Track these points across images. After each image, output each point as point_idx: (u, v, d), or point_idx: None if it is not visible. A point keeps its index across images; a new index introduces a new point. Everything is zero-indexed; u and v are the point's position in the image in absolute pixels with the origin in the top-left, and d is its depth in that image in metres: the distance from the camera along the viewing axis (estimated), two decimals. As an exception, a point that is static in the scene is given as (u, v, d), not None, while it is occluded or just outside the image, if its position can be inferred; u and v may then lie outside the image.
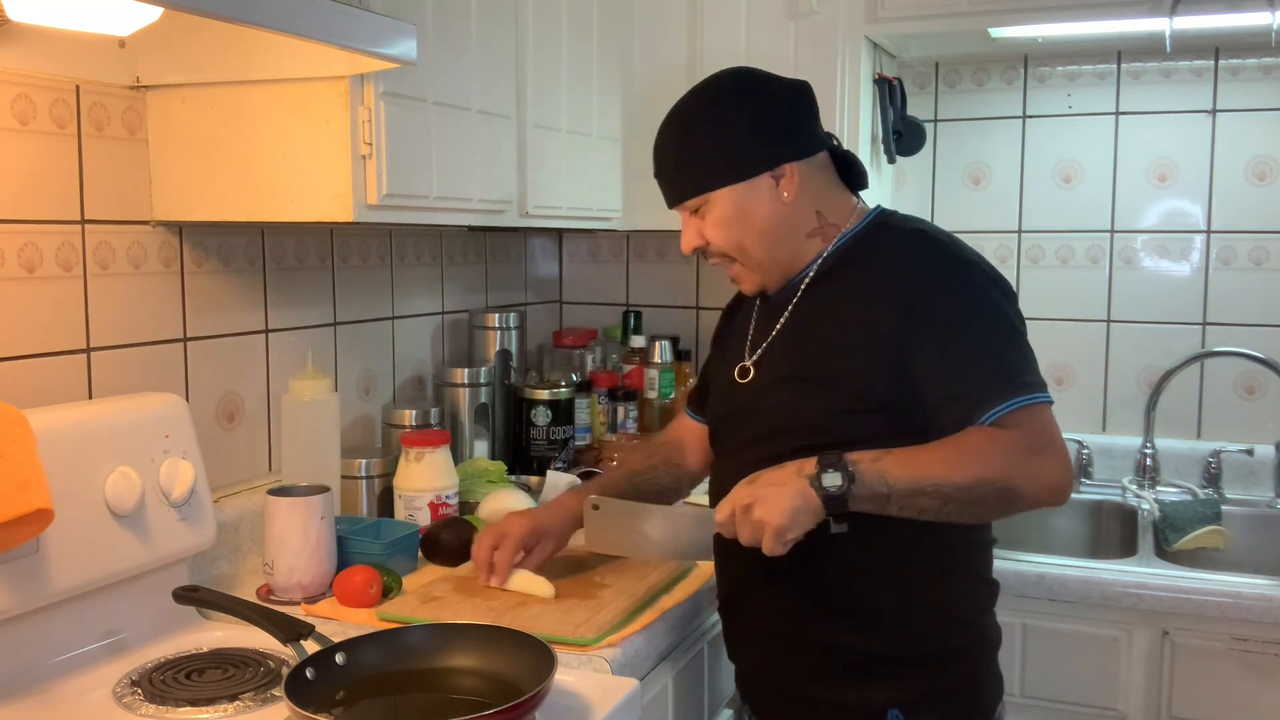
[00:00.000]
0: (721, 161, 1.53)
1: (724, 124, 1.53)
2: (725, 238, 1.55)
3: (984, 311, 1.45)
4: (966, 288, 1.46)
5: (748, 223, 1.53)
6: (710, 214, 1.54)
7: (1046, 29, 2.50)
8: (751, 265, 1.57)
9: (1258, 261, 2.63)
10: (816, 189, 1.55)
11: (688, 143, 1.55)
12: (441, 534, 1.87)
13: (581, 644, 1.49)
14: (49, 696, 1.35)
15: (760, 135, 1.52)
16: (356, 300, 2.22)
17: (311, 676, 1.26)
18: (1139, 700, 2.11)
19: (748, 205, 1.53)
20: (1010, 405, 1.38)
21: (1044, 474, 1.38)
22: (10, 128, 1.51)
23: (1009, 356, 1.43)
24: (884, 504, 1.36)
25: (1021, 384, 1.40)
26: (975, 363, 1.41)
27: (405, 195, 1.69)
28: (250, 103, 1.64)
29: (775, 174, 1.52)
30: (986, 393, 1.39)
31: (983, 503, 1.38)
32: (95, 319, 1.65)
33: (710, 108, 1.54)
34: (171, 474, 1.55)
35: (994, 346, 1.43)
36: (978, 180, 2.84)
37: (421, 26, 1.64)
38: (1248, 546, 2.47)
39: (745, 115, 1.52)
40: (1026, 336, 1.46)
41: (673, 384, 2.75)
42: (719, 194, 1.53)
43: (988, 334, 1.44)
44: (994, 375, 1.40)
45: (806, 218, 1.55)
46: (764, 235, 1.54)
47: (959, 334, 1.43)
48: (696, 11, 2.51)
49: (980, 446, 1.38)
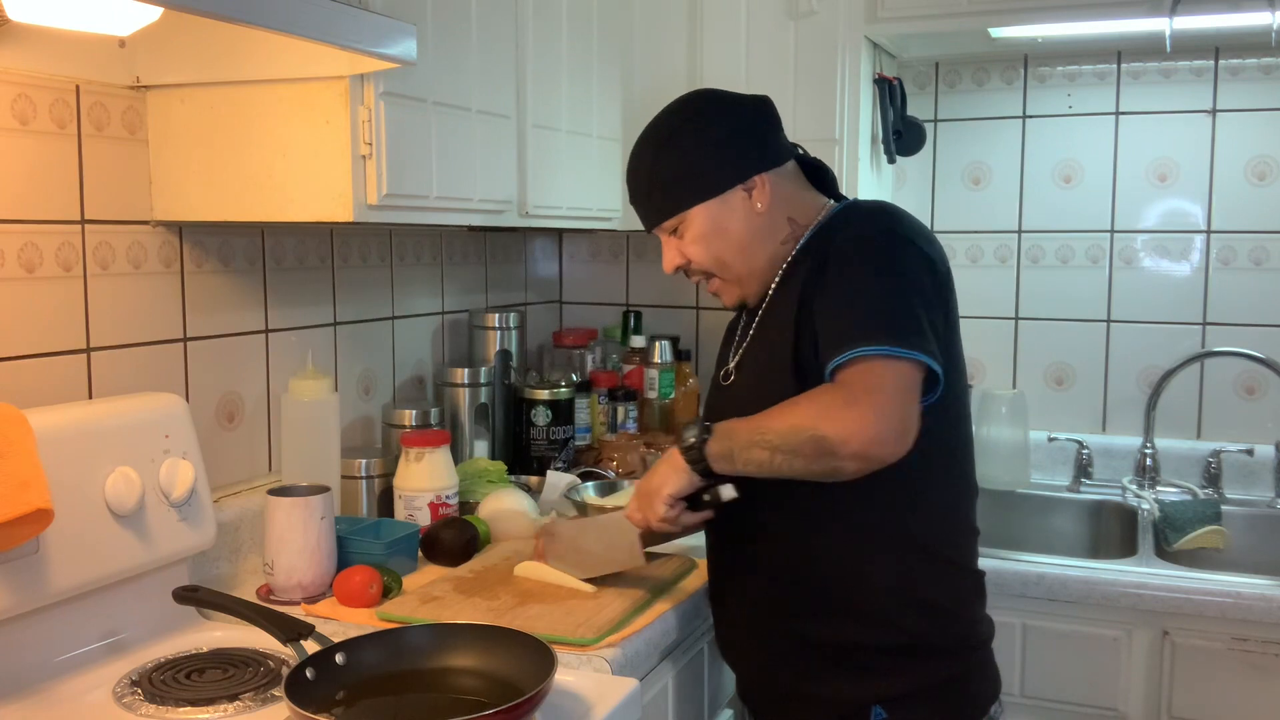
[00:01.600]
0: (694, 180, 1.57)
1: (692, 143, 1.57)
2: (704, 254, 1.60)
3: (874, 270, 1.46)
4: (866, 250, 1.48)
5: (725, 236, 1.58)
6: (688, 232, 1.59)
7: (1046, 29, 2.50)
8: (731, 278, 1.62)
9: (1258, 261, 2.63)
10: (787, 196, 1.59)
11: (660, 165, 1.59)
12: (441, 534, 1.87)
13: (581, 644, 1.49)
14: (49, 696, 1.35)
15: (729, 150, 1.57)
16: (356, 300, 2.22)
17: (311, 676, 1.26)
18: (1139, 700, 2.11)
19: (723, 220, 1.57)
20: (849, 354, 1.38)
21: (854, 423, 1.35)
22: (10, 128, 1.51)
23: (876, 310, 1.42)
24: (730, 458, 1.45)
25: (871, 336, 1.39)
26: (843, 315, 1.43)
27: (405, 195, 1.69)
28: (250, 103, 1.64)
29: (747, 186, 1.57)
30: (838, 340, 1.41)
31: (801, 452, 1.38)
32: (95, 319, 1.65)
33: (678, 129, 1.59)
34: (171, 474, 1.55)
35: (868, 301, 1.43)
36: (978, 180, 2.84)
37: (421, 26, 1.64)
38: (1248, 546, 2.47)
39: (713, 133, 1.57)
40: (920, 302, 1.44)
41: (673, 384, 2.75)
42: (694, 211, 1.58)
43: (867, 289, 1.44)
44: (851, 324, 1.41)
45: (780, 225, 1.59)
46: (741, 247, 1.58)
47: (843, 291, 1.45)
48: (696, 11, 2.51)
49: (807, 398, 1.42)
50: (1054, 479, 2.74)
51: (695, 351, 2.92)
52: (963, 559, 1.60)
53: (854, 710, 1.52)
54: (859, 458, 1.37)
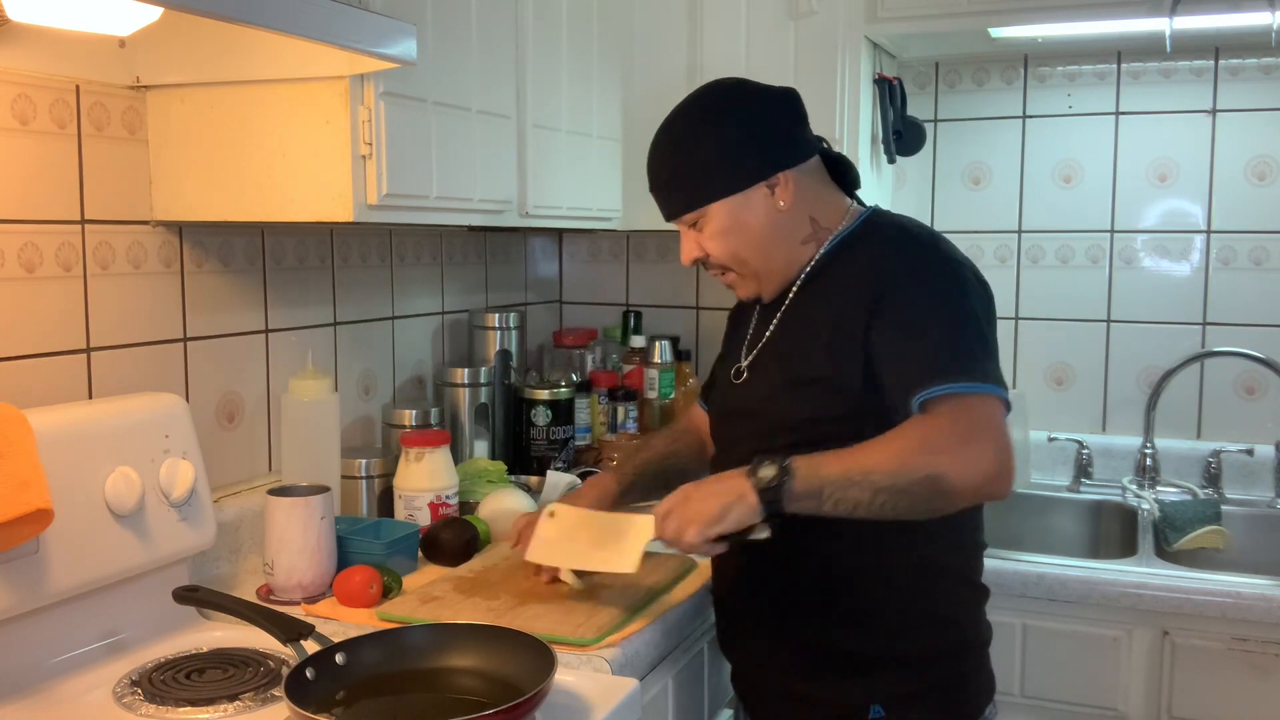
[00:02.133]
0: (716, 174, 1.54)
1: (716, 136, 1.54)
2: (723, 249, 1.57)
3: (942, 300, 1.44)
4: (928, 278, 1.46)
5: (744, 233, 1.55)
6: (707, 226, 1.56)
7: (1046, 29, 2.50)
8: (748, 274, 1.59)
9: (1258, 261, 2.63)
10: (810, 195, 1.56)
11: (681, 156, 1.56)
12: (441, 534, 1.87)
13: (581, 644, 1.49)
14: (49, 696, 1.35)
15: (753, 145, 1.53)
16: (356, 300, 2.22)
17: (311, 676, 1.26)
18: (1139, 700, 2.11)
19: (744, 216, 1.54)
20: (944, 389, 1.36)
21: (974, 462, 1.33)
22: (10, 128, 1.51)
23: (957, 344, 1.41)
24: (819, 498, 1.35)
25: (962, 370, 1.38)
26: (921, 347, 1.41)
27: (405, 195, 1.69)
28: (250, 103, 1.64)
29: (770, 183, 1.53)
30: (924, 375, 1.38)
31: (911, 492, 1.33)
32: (95, 319, 1.65)
33: (701, 120, 1.56)
34: (171, 474, 1.55)
35: (944, 333, 1.42)
36: (978, 180, 2.84)
37: (421, 26, 1.64)
38: (1248, 546, 2.47)
39: (737, 126, 1.53)
40: (989, 332, 1.46)
41: (673, 384, 2.75)
42: (715, 206, 1.54)
43: (940, 321, 1.43)
44: (935, 359, 1.39)
45: (801, 224, 1.56)
46: (761, 244, 1.55)
47: (913, 321, 1.43)
48: (696, 11, 2.51)
49: (908, 433, 1.36)
50: (1054, 479, 2.74)
51: (695, 351, 2.92)
52: (970, 572, 1.60)
53: (852, 711, 1.52)
54: (977, 496, 1.36)
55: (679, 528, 1.40)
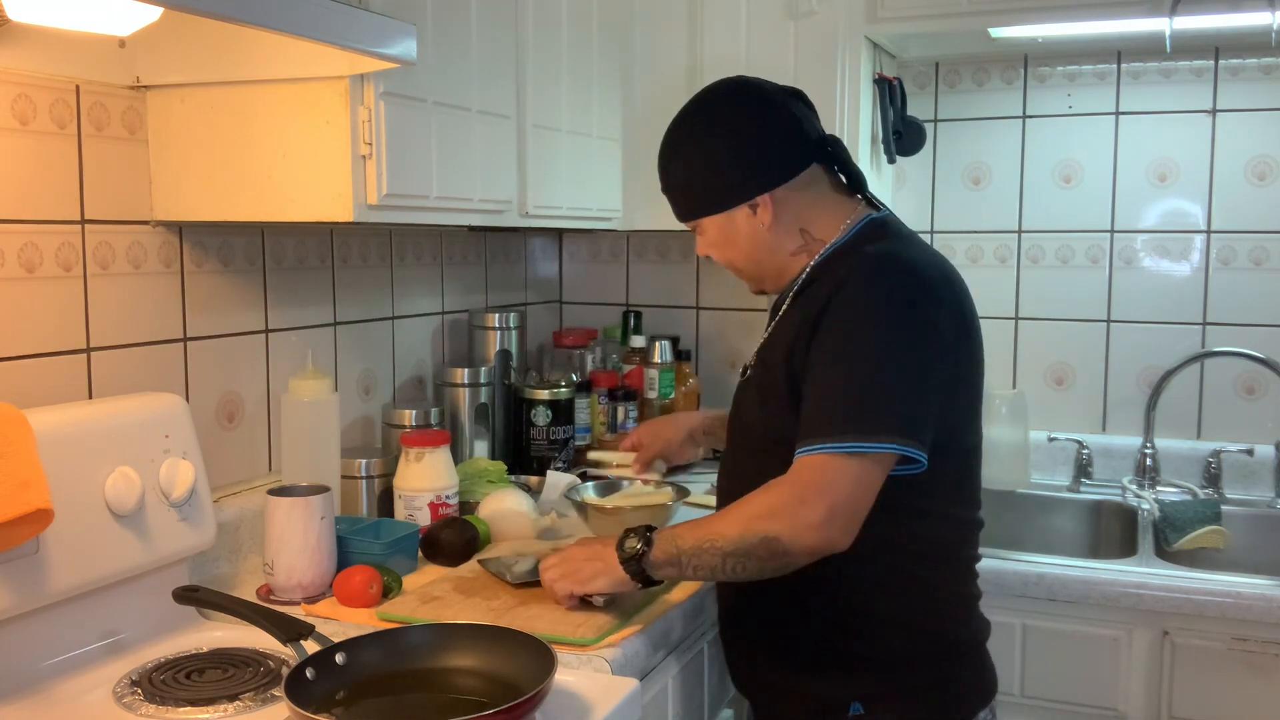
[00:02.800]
0: (702, 193, 1.59)
1: (701, 156, 1.58)
2: (718, 256, 1.64)
3: (858, 343, 1.42)
4: (865, 315, 1.43)
5: (733, 245, 1.61)
6: (703, 236, 1.63)
7: (1046, 29, 2.50)
8: (746, 277, 1.67)
9: (1258, 261, 2.63)
10: (799, 208, 1.57)
11: (674, 169, 1.62)
12: (441, 534, 1.87)
13: (581, 644, 1.49)
14: (49, 696, 1.35)
15: (735, 166, 1.55)
16: (356, 300, 2.22)
17: (311, 676, 1.26)
18: (1139, 700, 2.11)
19: (729, 232, 1.59)
20: (810, 449, 1.39)
21: (804, 524, 1.38)
22: (10, 128, 1.51)
23: (848, 395, 1.40)
24: (678, 566, 1.46)
25: (834, 427, 1.38)
26: (814, 393, 1.43)
27: (405, 195, 1.69)
28: (250, 103, 1.64)
29: (751, 204, 1.56)
30: (805, 428, 1.41)
31: (754, 554, 1.41)
32: (95, 319, 1.65)
33: (693, 132, 1.59)
34: (171, 474, 1.55)
35: (840, 382, 1.41)
36: (978, 180, 2.84)
37: (421, 26, 1.64)
38: (1248, 546, 2.47)
39: (722, 146, 1.55)
40: (908, 371, 1.41)
41: (673, 384, 2.75)
42: (704, 222, 1.61)
43: (844, 369, 1.42)
44: (818, 412, 1.41)
45: (790, 238, 1.58)
46: (749, 256, 1.61)
47: (823, 363, 1.43)
48: (696, 11, 2.51)
49: (756, 498, 1.43)
50: (1054, 479, 2.74)
51: (695, 351, 2.92)
52: (960, 586, 1.60)
53: (833, 706, 1.53)
54: (813, 555, 1.40)
55: (553, 580, 1.57)
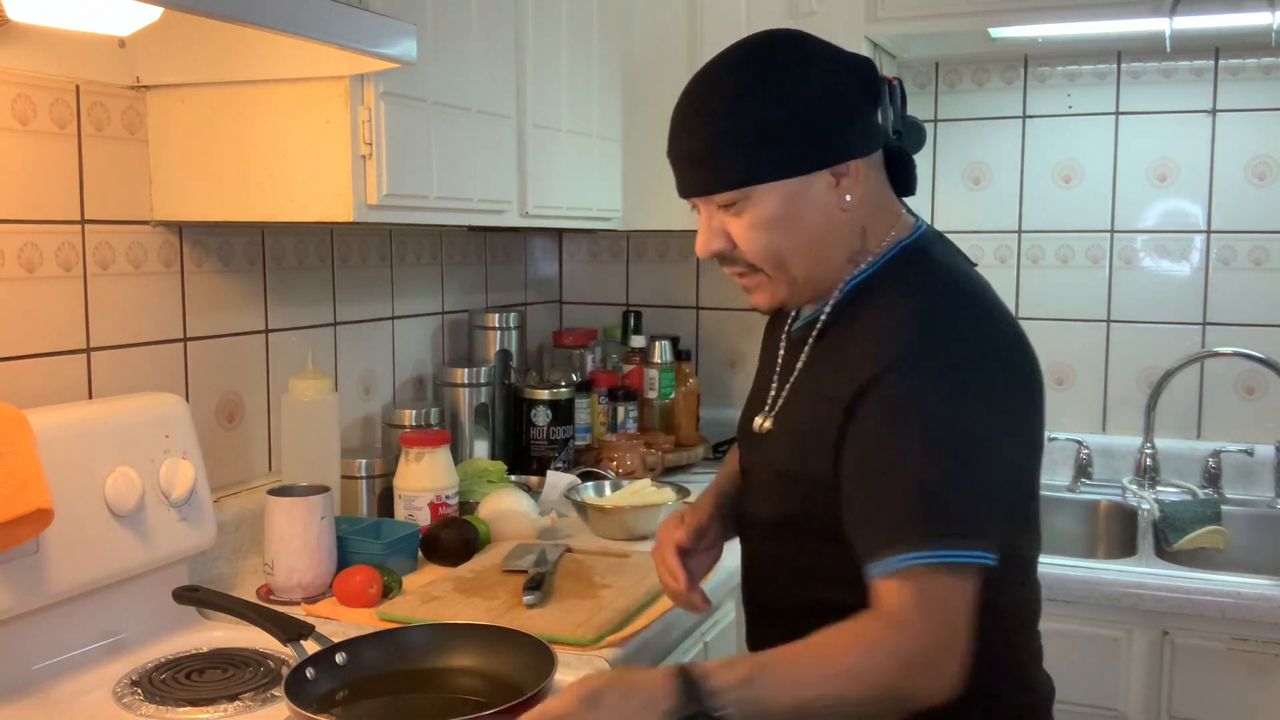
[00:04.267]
0: (776, 147, 1.21)
1: (782, 100, 1.20)
2: (762, 244, 1.23)
3: (938, 426, 1.12)
4: (930, 386, 1.14)
5: (794, 228, 1.23)
6: (750, 212, 1.23)
7: (1046, 29, 2.50)
8: (781, 280, 1.26)
9: (1258, 261, 2.63)
10: (872, 196, 1.27)
11: (730, 120, 1.21)
12: (441, 534, 1.87)
13: (581, 644, 1.49)
14: (49, 696, 1.35)
15: (827, 120, 1.21)
16: (356, 300, 2.22)
17: (311, 676, 1.26)
18: (1139, 700, 2.11)
19: (799, 206, 1.22)
20: (906, 560, 1.09)
21: (947, 673, 1.09)
22: (10, 128, 1.51)
23: (939, 490, 1.11)
24: None
25: (931, 535, 1.10)
26: (886, 489, 1.13)
27: (405, 195, 1.69)
28: (250, 103, 1.64)
29: (837, 171, 1.22)
30: (888, 536, 1.11)
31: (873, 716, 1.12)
32: (95, 319, 1.65)
33: (766, 77, 1.22)
34: (171, 474, 1.55)
35: (923, 475, 1.11)
36: (978, 180, 2.84)
37: (421, 26, 1.64)
38: (1248, 546, 2.47)
39: (808, 91, 1.21)
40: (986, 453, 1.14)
41: (673, 384, 2.75)
42: (765, 189, 1.21)
43: (922, 457, 1.12)
44: (901, 514, 1.11)
45: (855, 233, 1.26)
46: (810, 246, 1.24)
47: (889, 451, 1.13)
48: (696, 11, 2.51)
49: (872, 643, 1.10)
50: (1054, 479, 2.74)
51: (695, 351, 2.92)
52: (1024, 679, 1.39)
53: None
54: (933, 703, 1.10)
55: None
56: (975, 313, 1.22)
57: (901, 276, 1.25)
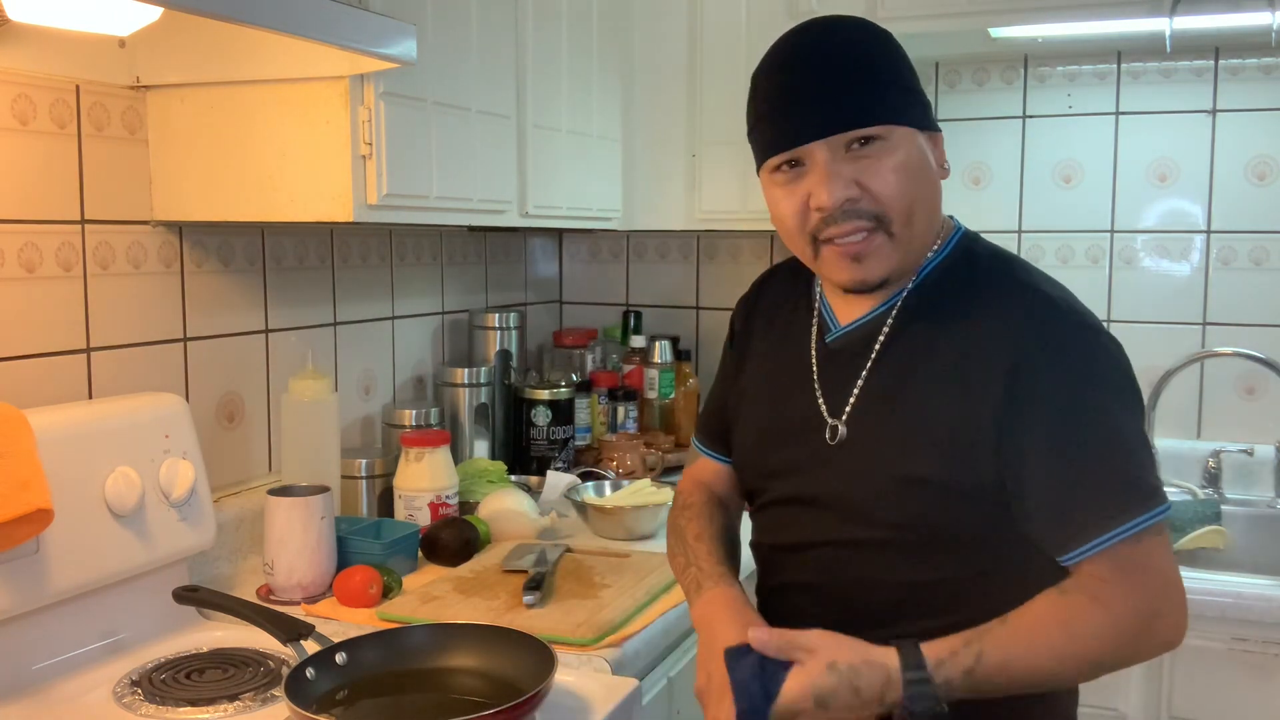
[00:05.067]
0: (914, 96, 1.21)
1: (903, 58, 1.23)
2: (900, 189, 1.18)
3: (1106, 408, 1.15)
4: (1089, 376, 1.15)
5: (924, 180, 1.21)
6: (889, 155, 1.18)
7: (1046, 29, 2.50)
8: (902, 239, 1.21)
9: (1258, 261, 2.63)
10: None
11: (884, 59, 1.20)
12: (441, 534, 1.87)
13: (581, 644, 1.49)
14: (49, 696, 1.35)
15: (919, 88, 1.24)
16: (356, 300, 2.22)
17: (311, 676, 1.26)
18: (1139, 700, 2.11)
19: (926, 160, 1.21)
20: (1120, 533, 1.12)
21: (1164, 638, 1.18)
22: (10, 128, 1.51)
23: (1128, 467, 1.14)
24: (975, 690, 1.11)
25: (1136, 502, 1.13)
26: (1087, 476, 1.14)
27: (405, 195, 1.69)
28: (250, 103, 1.64)
29: (934, 138, 1.24)
30: (1096, 515, 1.13)
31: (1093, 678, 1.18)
32: (95, 319, 1.65)
33: (888, 39, 1.24)
34: (171, 474, 1.55)
35: (1112, 456, 1.14)
36: (978, 180, 2.84)
37: (421, 26, 1.64)
38: (1248, 546, 2.47)
39: (908, 64, 1.24)
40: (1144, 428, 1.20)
41: (673, 384, 2.75)
42: (905, 134, 1.19)
43: (1108, 438, 1.14)
44: (1107, 493, 1.13)
45: (941, 206, 1.26)
46: (929, 204, 1.22)
47: (1074, 436, 1.14)
48: (696, 11, 2.51)
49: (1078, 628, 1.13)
50: (1054, 479, 2.74)
51: (695, 351, 2.92)
52: None
53: None
54: None
55: None
56: (1069, 296, 1.22)
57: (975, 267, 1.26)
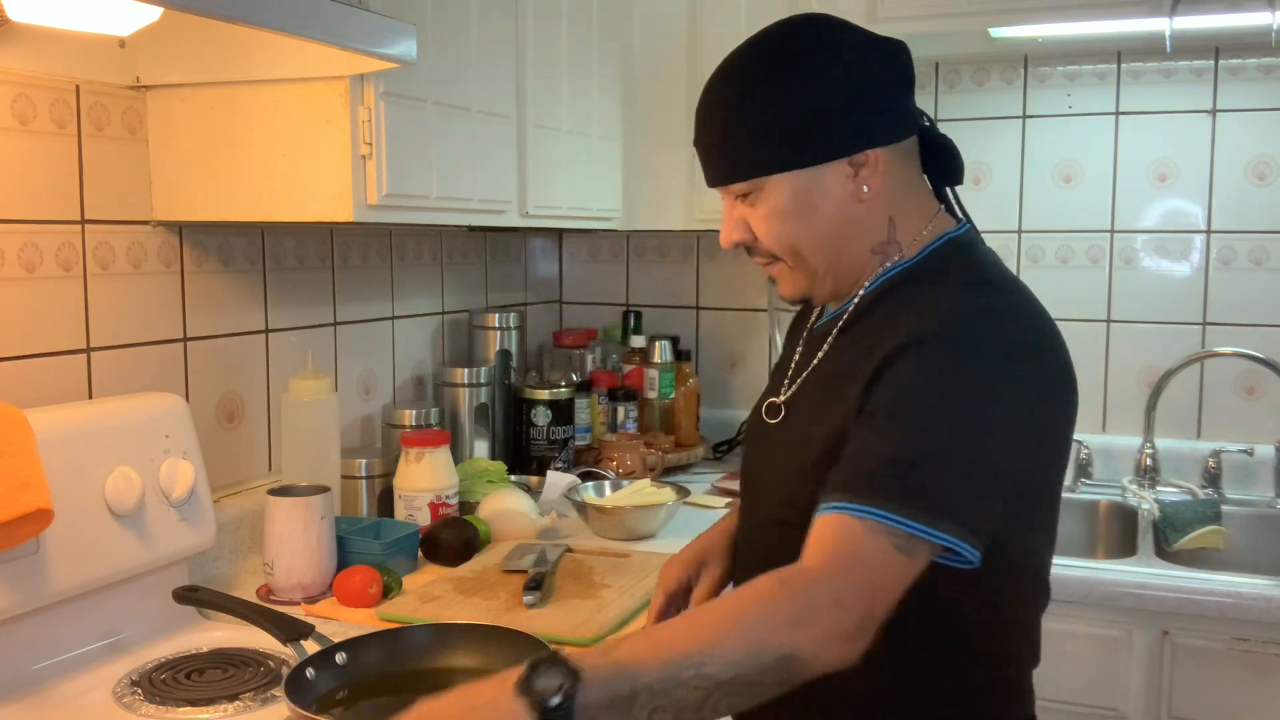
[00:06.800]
0: (785, 138, 1.18)
1: (798, 87, 1.17)
2: (776, 235, 1.21)
3: (957, 405, 1.07)
4: (938, 369, 1.09)
5: (808, 220, 1.20)
6: (763, 203, 1.21)
7: (1046, 29, 2.50)
8: (801, 270, 1.24)
9: (1258, 261, 2.63)
10: (897, 187, 1.22)
11: (744, 109, 1.19)
12: (441, 534, 1.87)
13: (581, 644, 1.49)
14: (49, 696, 1.35)
15: (845, 107, 1.17)
16: (356, 300, 2.22)
17: (311, 676, 1.26)
18: (1139, 700, 2.11)
19: (812, 197, 1.19)
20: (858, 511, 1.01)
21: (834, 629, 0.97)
22: (10, 128, 1.51)
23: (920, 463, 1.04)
24: (628, 710, 0.91)
25: (895, 495, 1.01)
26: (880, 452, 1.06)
27: (405, 195, 1.69)
28: (250, 103, 1.64)
29: (855, 161, 1.18)
30: (849, 483, 1.04)
31: (763, 683, 0.96)
32: (95, 319, 1.65)
33: (783, 64, 1.19)
34: (171, 474, 1.55)
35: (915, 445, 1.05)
36: (978, 180, 2.84)
37: (421, 26, 1.64)
38: (1248, 546, 2.47)
39: (829, 79, 1.17)
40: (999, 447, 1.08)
41: (673, 384, 2.75)
42: (776, 180, 1.19)
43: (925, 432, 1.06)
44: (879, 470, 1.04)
45: (879, 225, 1.22)
46: (826, 239, 1.21)
47: (897, 415, 1.08)
48: (696, 11, 2.51)
49: (766, 595, 0.99)
50: (1054, 479, 2.74)
51: (695, 351, 2.92)
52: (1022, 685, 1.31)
53: None
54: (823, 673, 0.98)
55: None
56: (1009, 307, 1.17)
57: (942, 269, 1.22)
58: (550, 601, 1.64)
